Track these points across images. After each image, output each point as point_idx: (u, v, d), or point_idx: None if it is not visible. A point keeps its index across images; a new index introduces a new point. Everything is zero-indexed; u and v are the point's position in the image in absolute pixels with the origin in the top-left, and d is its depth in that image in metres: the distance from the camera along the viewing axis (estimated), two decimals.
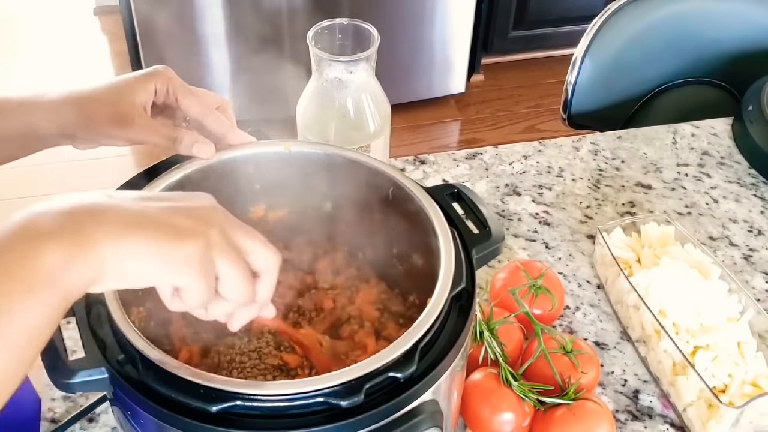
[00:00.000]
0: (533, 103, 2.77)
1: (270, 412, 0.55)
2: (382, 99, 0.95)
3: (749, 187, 1.15)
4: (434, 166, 1.15)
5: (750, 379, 0.83)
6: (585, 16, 2.04)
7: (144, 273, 0.48)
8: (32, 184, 2.38)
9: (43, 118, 0.69)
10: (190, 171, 0.72)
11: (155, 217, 0.48)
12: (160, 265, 0.48)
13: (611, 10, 1.42)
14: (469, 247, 0.69)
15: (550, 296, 0.89)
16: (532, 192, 1.12)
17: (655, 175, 1.17)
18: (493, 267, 0.98)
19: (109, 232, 0.46)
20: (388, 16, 2.42)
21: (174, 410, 0.55)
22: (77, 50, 2.93)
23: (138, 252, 0.47)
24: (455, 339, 0.62)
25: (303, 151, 0.77)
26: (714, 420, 0.79)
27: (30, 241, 0.44)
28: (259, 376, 0.71)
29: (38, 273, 0.44)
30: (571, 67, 1.43)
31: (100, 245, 0.46)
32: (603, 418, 0.78)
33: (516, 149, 1.20)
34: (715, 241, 1.07)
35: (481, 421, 0.78)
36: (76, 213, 0.46)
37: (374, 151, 0.94)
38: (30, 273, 0.44)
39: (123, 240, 0.47)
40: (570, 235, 1.06)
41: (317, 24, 0.91)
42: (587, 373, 0.81)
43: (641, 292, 0.88)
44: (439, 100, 2.71)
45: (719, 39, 1.45)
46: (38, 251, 0.44)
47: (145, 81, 0.72)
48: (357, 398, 0.55)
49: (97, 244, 0.46)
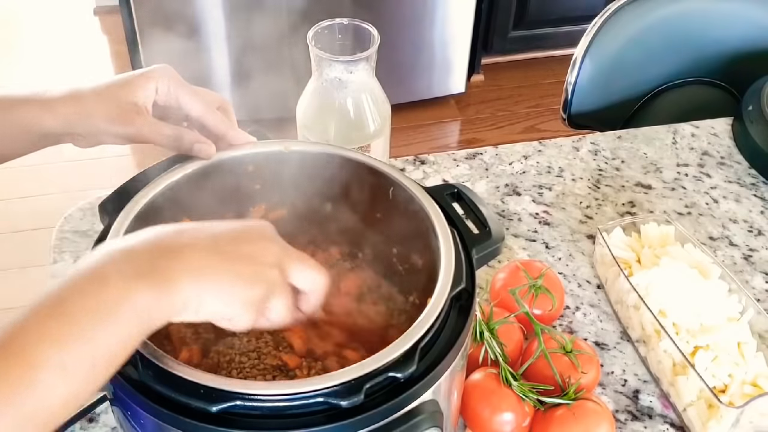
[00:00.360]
0: (533, 103, 2.77)
1: (270, 412, 0.55)
2: (382, 99, 0.95)
3: (749, 187, 1.15)
4: (434, 166, 1.15)
5: (750, 379, 0.83)
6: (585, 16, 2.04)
7: (215, 311, 0.55)
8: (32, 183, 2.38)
9: (44, 116, 0.69)
10: (190, 170, 0.73)
11: (228, 260, 0.55)
12: (230, 306, 0.55)
13: (611, 10, 1.42)
14: (469, 247, 0.69)
15: (550, 296, 0.89)
16: (532, 192, 1.12)
17: (655, 175, 1.17)
18: (493, 267, 0.98)
19: (191, 276, 0.53)
20: (388, 16, 2.42)
21: (174, 410, 0.55)
22: (77, 50, 2.93)
23: (214, 294, 0.54)
24: (455, 339, 0.62)
25: (303, 151, 0.77)
26: (714, 420, 0.79)
27: (125, 279, 0.50)
28: (258, 376, 0.71)
29: (130, 308, 0.50)
30: (571, 67, 1.43)
31: (184, 288, 0.52)
32: (603, 418, 0.78)
33: (516, 149, 1.20)
34: (715, 241, 1.07)
35: (481, 421, 0.78)
36: (161, 255, 0.53)
37: (374, 151, 0.94)
38: (124, 308, 0.50)
39: (202, 284, 0.53)
40: (570, 235, 1.06)
41: (317, 24, 0.91)
42: (587, 373, 0.81)
43: (641, 292, 0.88)
44: (439, 100, 2.71)
45: (719, 39, 1.45)
46: (132, 290, 0.50)
47: (146, 80, 0.72)
48: (357, 398, 0.55)
49: (181, 287, 0.52)
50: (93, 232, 1.02)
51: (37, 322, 0.48)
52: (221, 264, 0.55)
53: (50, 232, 1.03)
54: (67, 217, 1.04)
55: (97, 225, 1.02)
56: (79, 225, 1.04)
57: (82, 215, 1.05)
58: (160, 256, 0.53)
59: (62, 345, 0.48)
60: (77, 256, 0.99)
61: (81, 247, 1.00)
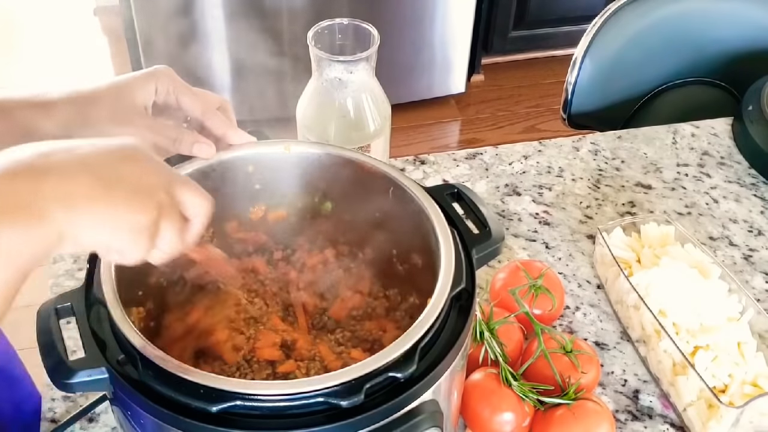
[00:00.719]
0: (533, 103, 2.77)
1: (270, 412, 0.55)
2: (382, 99, 0.95)
3: (749, 187, 1.15)
4: (434, 166, 1.15)
5: (750, 379, 0.83)
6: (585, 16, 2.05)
7: (98, 241, 0.51)
8: None
9: (43, 118, 0.69)
10: (190, 171, 0.73)
11: (105, 183, 0.50)
12: (116, 235, 0.51)
13: (611, 10, 1.42)
14: (469, 247, 0.69)
15: (550, 296, 0.89)
16: (532, 192, 1.12)
17: (655, 175, 1.17)
18: (493, 267, 0.98)
19: (62, 204, 0.48)
20: (388, 16, 2.42)
21: (174, 410, 0.55)
22: (77, 50, 2.93)
23: (93, 223, 0.49)
24: (455, 339, 0.62)
25: (303, 151, 0.77)
26: (714, 420, 0.79)
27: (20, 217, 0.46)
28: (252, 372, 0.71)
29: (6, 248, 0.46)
30: (571, 67, 1.43)
31: (55, 218, 0.47)
32: (603, 418, 0.78)
33: (516, 149, 1.20)
34: (715, 241, 1.07)
35: (481, 421, 0.78)
36: (25, 181, 0.47)
37: (374, 151, 0.94)
38: None
39: (77, 212, 0.48)
40: (570, 235, 1.06)
41: (317, 24, 0.91)
42: (587, 373, 0.81)
43: (641, 292, 0.88)
44: (439, 100, 2.71)
45: (719, 39, 1.45)
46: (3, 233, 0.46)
47: (146, 80, 0.72)
48: (357, 398, 0.55)
49: (52, 217, 0.47)
50: None
51: None
52: (96, 188, 0.50)
53: None
54: None
55: None
56: None
57: None
58: (23, 182, 0.47)
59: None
60: (77, 256, 0.99)
61: None
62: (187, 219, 0.56)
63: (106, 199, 0.50)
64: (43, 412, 0.83)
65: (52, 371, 0.58)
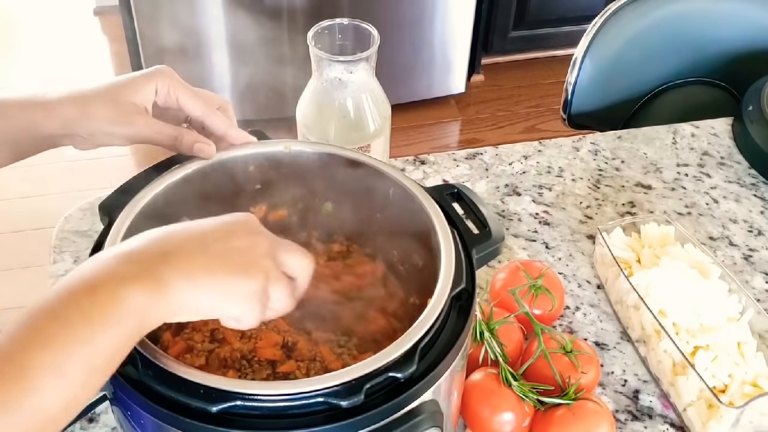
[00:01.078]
0: (533, 103, 2.77)
1: (270, 412, 0.55)
2: (382, 99, 0.95)
3: (749, 187, 1.15)
4: (434, 166, 1.15)
5: (750, 379, 0.83)
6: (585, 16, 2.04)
7: (215, 308, 0.56)
8: (32, 183, 2.38)
9: (44, 118, 0.69)
10: (190, 171, 0.73)
11: (218, 258, 0.56)
12: (232, 303, 0.56)
13: (611, 10, 1.42)
14: (469, 247, 0.69)
15: (550, 296, 0.89)
16: (532, 192, 1.12)
17: (655, 175, 1.17)
18: (493, 267, 0.98)
19: (183, 278, 0.53)
20: (388, 16, 2.42)
21: (174, 410, 0.55)
22: (77, 50, 2.93)
23: (211, 293, 0.55)
24: (455, 339, 0.62)
25: (303, 151, 0.77)
26: (714, 420, 0.79)
27: (117, 283, 0.51)
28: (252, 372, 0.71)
29: (124, 311, 0.51)
30: (571, 67, 1.43)
31: (178, 290, 0.53)
32: (603, 418, 0.78)
33: (516, 149, 1.20)
34: (715, 241, 1.07)
35: (481, 421, 0.78)
36: (151, 259, 0.53)
37: (374, 151, 0.94)
38: (118, 311, 0.51)
39: (197, 285, 0.54)
40: (570, 235, 1.06)
41: (317, 24, 0.91)
42: (587, 373, 0.81)
43: (641, 292, 0.88)
44: (439, 100, 2.71)
45: (719, 39, 1.45)
46: (125, 293, 0.51)
47: (146, 80, 0.72)
48: (357, 398, 0.55)
49: (175, 289, 0.53)
50: (93, 232, 1.02)
51: (32, 327, 0.49)
52: (212, 263, 0.55)
53: (50, 232, 1.03)
54: (67, 217, 1.04)
55: (97, 225, 1.02)
56: (79, 225, 1.04)
57: (82, 215, 1.05)
58: (150, 260, 0.53)
59: (57, 348, 0.48)
60: (77, 256, 0.99)
61: (81, 247, 1.00)
62: (293, 278, 0.61)
63: (222, 272, 0.55)
64: None
65: None
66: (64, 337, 0.48)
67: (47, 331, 0.48)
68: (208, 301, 0.55)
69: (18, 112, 0.70)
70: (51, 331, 0.48)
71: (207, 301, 0.55)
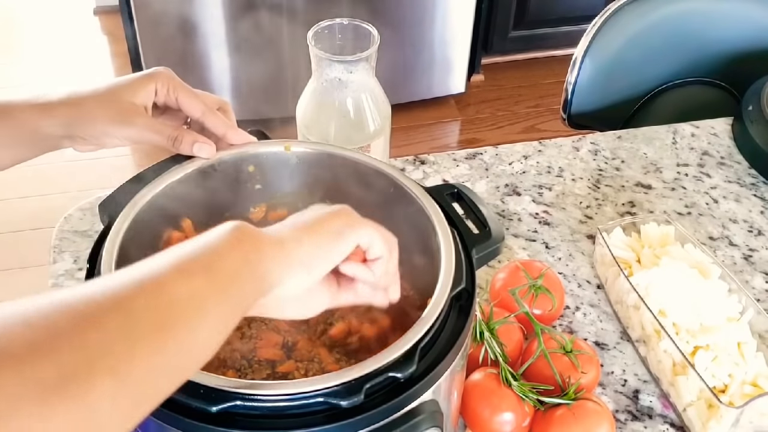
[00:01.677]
0: (533, 103, 2.77)
1: (270, 412, 0.55)
2: (382, 99, 0.95)
3: (749, 187, 1.15)
4: (434, 166, 1.15)
5: (750, 379, 0.83)
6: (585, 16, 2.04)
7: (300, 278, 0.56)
8: (32, 183, 2.38)
9: (44, 120, 0.69)
10: (190, 171, 0.73)
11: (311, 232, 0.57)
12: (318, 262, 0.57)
13: (611, 10, 1.42)
14: (469, 247, 0.69)
15: (550, 296, 0.89)
16: (532, 192, 1.12)
17: (655, 175, 1.17)
18: (493, 267, 0.98)
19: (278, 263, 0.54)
20: (388, 16, 2.42)
21: (174, 410, 0.55)
22: (77, 50, 2.93)
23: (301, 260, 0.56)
24: (455, 339, 0.62)
25: (303, 151, 0.77)
26: (714, 420, 0.79)
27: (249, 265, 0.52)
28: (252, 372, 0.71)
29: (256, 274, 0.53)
30: (571, 67, 1.43)
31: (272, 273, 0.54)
32: (603, 418, 0.78)
33: (516, 149, 1.20)
34: (715, 241, 1.07)
35: (481, 421, 0.78)
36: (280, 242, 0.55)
37: (374, 151, 0.94)
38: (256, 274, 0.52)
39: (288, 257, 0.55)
40: (570, 235, 1.06)
41: (317, 24, 0.91)
42: (587, 373, 0.81)
43: (641, 292, 0.88)
44: (439, 100, 2.71)
45: (719, 39, 1.45)
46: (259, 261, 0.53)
47: (146, 81, 0.72)
48: (357, 398, 0.55)
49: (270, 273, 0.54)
50: (93, 232, 1.02)
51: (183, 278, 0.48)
52: (304, 236, 0.57)
53: (50, 232, 1.03)
54: (67, 217, 1.04)
55: (97, 225, 1.02)
56: (79, 225, 1.04)
57: (82, 215, 1.05)
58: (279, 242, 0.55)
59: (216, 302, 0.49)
60: (77, 256, 0.99)
61: (81, 247, 1.00)
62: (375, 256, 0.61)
63: (311, 239, 0.57)
64: None
65: None
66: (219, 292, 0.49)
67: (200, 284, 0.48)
68: (296, 270, 0.55)
69: (20, 112, 0.70)
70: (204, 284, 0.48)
71: (296, 270, 0.55)
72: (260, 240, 0.54)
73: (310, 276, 0.57)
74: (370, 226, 0.60)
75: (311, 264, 0.56)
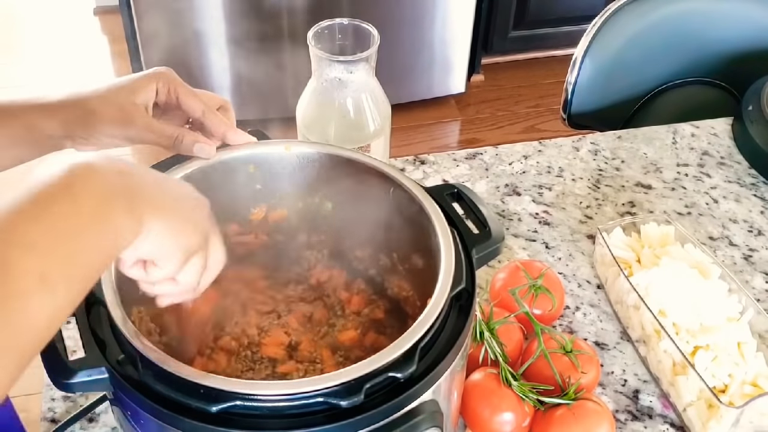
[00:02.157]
0: (533, 103, 2.77)
1: (270, 412, 0.56)
2: (382, 99, 0.95)
3: (749, 187, 1.15)
4: (434, 166, 1.15)
5: (750, 379, 0.83)
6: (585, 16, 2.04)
7: (158, 245, 0.54)
8: None
9: (45, 120, 0.69)
10: (190, 171, 0.73)
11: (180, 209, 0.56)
12: (169, 247, 0.55)
13: (611, 10, 1.42)
14: (469, 247, 0.69)
15: (550, 296, 0.89)
16: (532, 192, 1.12)
17: (655, 175, 1.17)
18: (493, 267, 0.98)
19: (154, 210, 0.53)
20: (388, 16, 2.42)
21: (174, 410, 0.55)
22: (77, 50, 2.93)
23: (162, 232, 0.54)
24: (455, 339, 0.62)
25: (303, 151, 0.77)
26: (714, 420, 0.79)
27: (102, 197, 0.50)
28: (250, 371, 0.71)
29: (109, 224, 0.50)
30: (571, 67, 1.43)
31: (147, 220, 0.53)
32: (603, 418, 0.78)
33: (516, 149, 1.20)
34: (715, 241, 1.07)
35: (481, 421, 0.78)
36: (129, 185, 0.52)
37: (374, 151, 0.94)
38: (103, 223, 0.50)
39: (159, 221, 0.53)
40: (570, 235, 1.06)
41: (317, 24, 0.91)
42: (587, 373, 0.81)
43: (641, 292, 0.88)
44: (439, 100, 2.71)
45: (719, 39, 1.45)
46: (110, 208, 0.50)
47: (147, 81, 0.72)
48: (357, 398, 0.55)
49: (146, 217, 0.53)
50: None
51: (10, 228, 0.46)
52: (176, 209, 0.55)
53: None
54: None
55: None
56: None
57: None
58: (128, 185, 0.52)
59: (42, 252, 0.46)
60: None
61: None
62: (206, 268, 0.60)
63: (181, 218, 0.55)
64: (43, 413, 0.83)
65: (52, 371, 0.58)
66: (48, 240, 0.46)
67: (29, 233, 0.46)
68: (155, 238, 0.54)
69: (20, 113, 0.70)
70: (33, 232, 0.46)
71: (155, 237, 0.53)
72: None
73: None
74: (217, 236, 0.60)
75: None
